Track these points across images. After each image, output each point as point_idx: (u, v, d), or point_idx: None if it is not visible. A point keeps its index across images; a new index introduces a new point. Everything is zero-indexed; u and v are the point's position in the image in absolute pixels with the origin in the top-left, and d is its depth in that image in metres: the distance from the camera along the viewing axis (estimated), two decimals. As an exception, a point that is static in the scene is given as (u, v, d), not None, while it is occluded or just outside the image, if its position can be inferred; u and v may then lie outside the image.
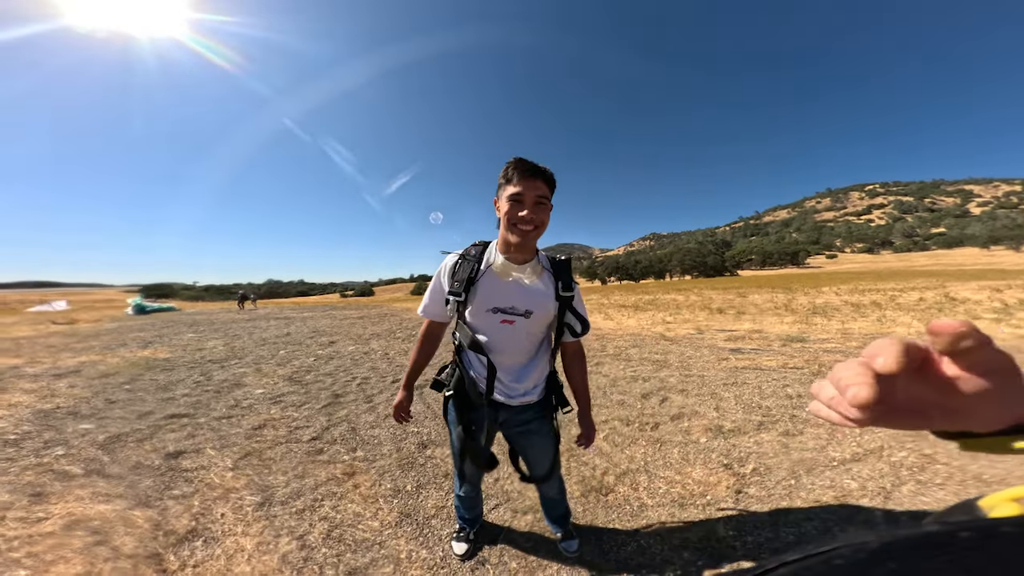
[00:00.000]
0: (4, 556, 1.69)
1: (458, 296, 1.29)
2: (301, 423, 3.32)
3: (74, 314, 13.39)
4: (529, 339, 1.35)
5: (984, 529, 0.36)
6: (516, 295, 1.29)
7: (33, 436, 2.92)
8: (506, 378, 1.37)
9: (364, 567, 1.67)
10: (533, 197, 1.18)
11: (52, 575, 1.59)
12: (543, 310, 1.31)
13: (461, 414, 1.44)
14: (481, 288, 1.29)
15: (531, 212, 1.18)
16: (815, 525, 1.88)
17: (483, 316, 1.31)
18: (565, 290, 1.32)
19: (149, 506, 2.07)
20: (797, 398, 3.61)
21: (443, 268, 1.38)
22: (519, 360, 1.37)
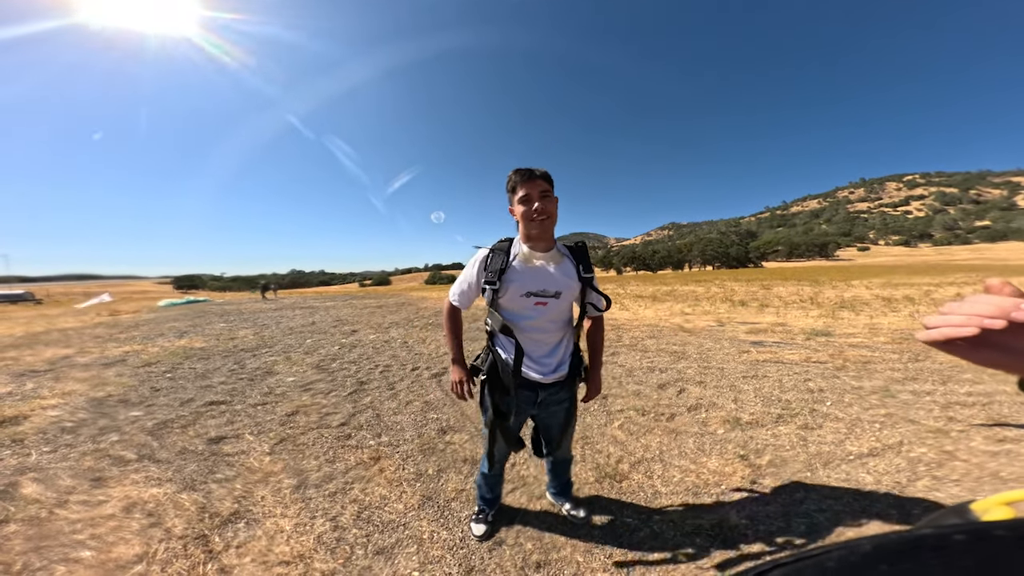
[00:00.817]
0: (70, 538, 1.86)
1: (493, 285, 1.47)
2: (330, 409, 3.49)
3: (115, 306, 14.15)
4: (560, 317, 1.55)
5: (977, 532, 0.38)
6: (545, 279, 1.48)
7: (89, 423, 3.15)
8: (540, 356, 1.55)
9: (391, 547, 1.79)
10: (537, 193, 1.41)
11: (114, 555, 1.75)
12: (570, 291, 1.51)
13: (493, 396, 1.60)
14: (513, 276, 1.47)
15: (541, 204, 1.40)
16: (827, 517, 1.90)
17: (518, 300, 1.48)
18: (586, 271, 1.53)
19: (195, 489, 2.24)
20: (818, 392, 3.55)
21: (476, 261, 1.56)
22: (553, 338, 1.56)
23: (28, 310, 16.63)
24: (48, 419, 3.21)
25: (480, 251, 1.57)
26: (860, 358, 4.55)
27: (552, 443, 1.72)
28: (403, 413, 3.41)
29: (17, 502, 2.10)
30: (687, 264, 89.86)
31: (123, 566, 1.67)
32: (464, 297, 1.60)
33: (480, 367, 1.60)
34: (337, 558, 1.72)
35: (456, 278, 1.63)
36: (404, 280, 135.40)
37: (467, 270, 1.59)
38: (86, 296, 25.67)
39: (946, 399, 3.24)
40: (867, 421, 2.92)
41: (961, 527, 0.39)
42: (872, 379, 3.82)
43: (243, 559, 1.72)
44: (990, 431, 2.66)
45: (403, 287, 44.13)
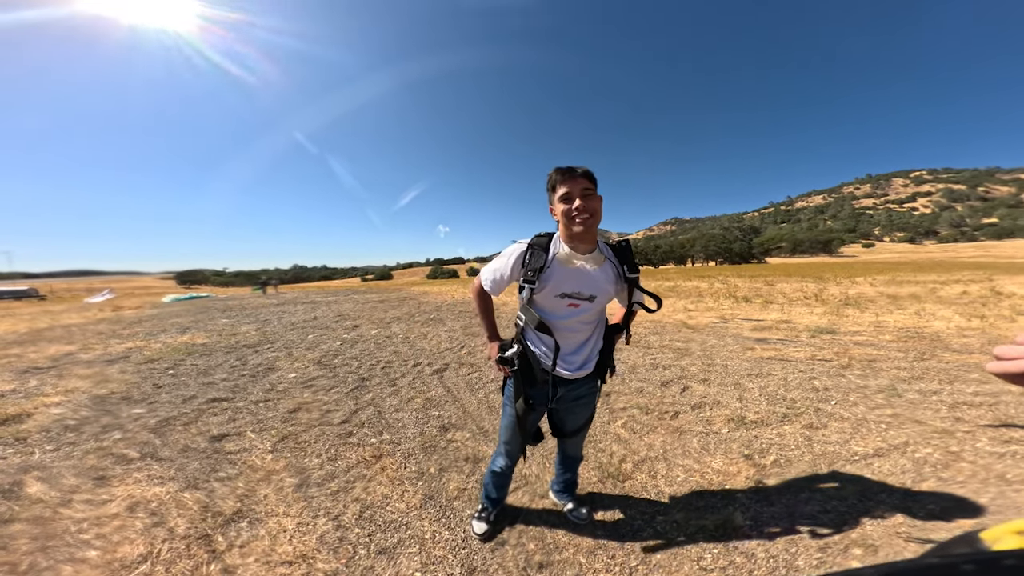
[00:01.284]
0: (76, 537, 1.86)
1: (532, 284, 1.45)
2: (331, 407, 3.49)
3: (117, 301, 14.22)
4: (592, 319, 1.54)
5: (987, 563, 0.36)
6: (582, 281, 1.45)
7: (92, 421, 3.16)
8: (567, 353, 1.55)
9: (393, 547, 1.79)
10: (579, 191, 1.38)
11: (119, 555, 1.74)
12: (605, 295, 1.50)
13: (520, 389, 1.59)
14: (551, 276, 1.45)
15: (584, 203, 1.37)
16: (831, 518, 1.89)
17: (552, 300, 1.47)
18: (632, 271, 1.50)
19: (198, 488, 2.24)
20: (824, 391, 3.52)
21: (512, 254, 1.52)
22: (581, 336, 1.55)
23: (32, 306, 16.72)
24: (51, 417, 3.22)
25: (517, 245, 1.52)
26: (865, 356, 4.52)
27: (571, 433, 1.73)
28: (404, 410, 3.41)
29: (22, 501, 2.10)
30: (690, 259, 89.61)
31: (128, 566, 1.67)
32: (496, 286, 1.59)
33: (512, 360, 1.57)
34: (340, 558, 1.72)
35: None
36: (405, 275, 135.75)
37: (502, 260, 1.55)
38: (89, 292, 25.86)
39: (953, 399, 3.21)
40: (873, 421, 2.90)
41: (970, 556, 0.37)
42: (878, 378, 3.79)
43: (246, 559, 1.72)
44: (996, 432, 2.63)
45: (404, 282, 44.19)
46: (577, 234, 1.41)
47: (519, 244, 1.52)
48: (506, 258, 1.54)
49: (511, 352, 1.58)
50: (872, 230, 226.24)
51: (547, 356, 1.53)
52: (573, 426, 1.72)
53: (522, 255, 1.48)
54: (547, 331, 1.48)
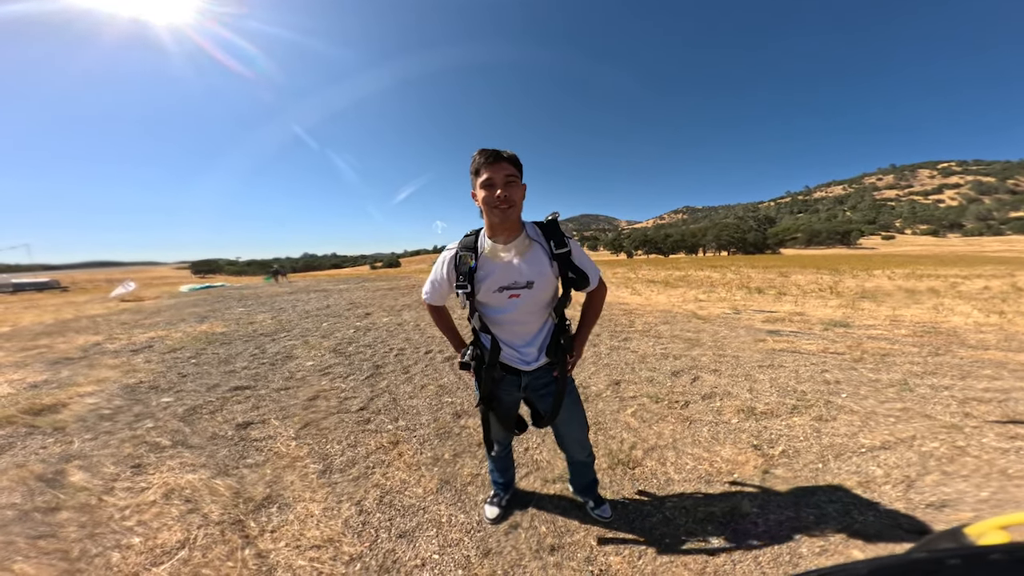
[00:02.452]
0: (120, 524, 1.95)
1: (464, 288, 1.46)
2: (349, 394, 3.61)
3: (137, 292, 14.59)
4: (537, 306, 1.51)
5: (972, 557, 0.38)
6: (514, 272, 1.43)
7: (124, 410, 3.31)
8: (520, 346, 1.55)
9: (412, 530, 1.89)
10: (502, 178, 1.32)
11: (160, 541, 1.84)
12: (542, 277, 1.45)
13: (481, 386, 1.62)
14: (482, 274, 1.45)
15: (503, 191, 1.32)
16: (836, 508, 1.93)
17: (492, 296, 1.47)
18: (558, 247, 1.44)
19: (228, 475, 2.36)
20: (835, 384, 3.52)
21: (444, 261, 1.53)
22: (532, 327, 1.54)
23: (55, 297, 17.20)
24: (86, 406, 3.37)
25: (446, 253, 1.52)
26: (879, 350, 4.48)
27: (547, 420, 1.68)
28: (418, 397, 3.51)
29: (67, 489, 2.22)
30: (701, 249, 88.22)
31: (168, 552, 1.77)
32: (435, 295, 1.62)
33: (469, 363, 1.60)
34: (364, 541, 1.82)
35: None
36: (414, 262, 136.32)
37: (436, 268, 1.56)
38: (109, 283, 26.50)
39: (964, 394, 3.20)
40: (882, 415, 2.91)
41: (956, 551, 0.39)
42: (890, 372, 3.78)
43: (278, 543, 1.82)
44: (1004, 428, 2.64)
45: (413, 268, 44.39)
46: (496, 223, 1.38)
47: (448, 250, 1.52)
48: (439, 265, 1.54)
49: (468, 355, 1.60)
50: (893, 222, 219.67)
51: (506, 350, 1.56)
52: (553, 413, 1.65)
53: (451, 260, 1.49)
54: (487, 330, 1.52)
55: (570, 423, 1.74)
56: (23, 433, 2.87)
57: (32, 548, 1.78)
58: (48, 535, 1.87)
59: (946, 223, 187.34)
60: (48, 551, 1.77)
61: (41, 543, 1.81)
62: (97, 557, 1.74)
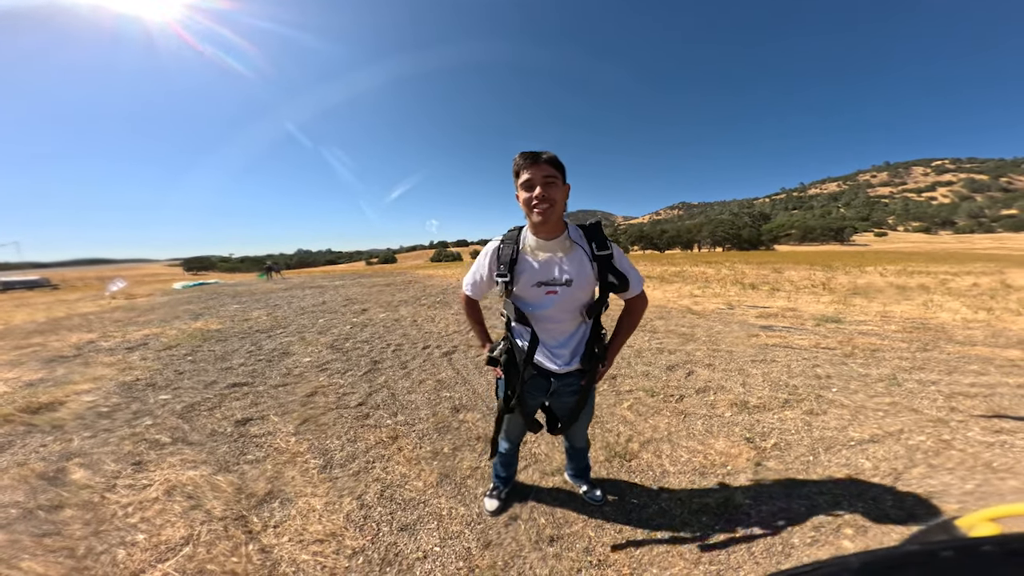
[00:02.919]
0: (124, 521, 1.96)
1: (504, 277, 1.48)
2: (347, 389, 3.62)
3: (129, 289, 14.42)
4: (573, 305, 1.51)
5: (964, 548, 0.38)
6: (554, 268, 1.46)
7: (122, 408, 3.30)
8: (554, 346, 1.55)
9: (413, 523, 1.92)
10: (541, 179, 1.34)
11: (164, 538, 1.84)
12: (581, 277, 1.46)
13: (509, 382, 1.61)
14: (522, 267, 1.47)
15: (543, 191, 1.34)
16: (826, 500, 1.99)
17: (530, 290, 1.49)
18: (600, 249, 1.46)
19: (229, 471, 2.37)
20: (826, 378, 3.60)
21: (487, 252, 1.56)
22: (567, 327, 1.54)
23: (46, 296, 16.95)
24: (84, 404, 3.35)
25: (491, 243, 1.56)
26: (869, 346, 4.57)
27: (564, 427, 1.72)
28: (417, 392, 3.54)
29: (69, 487, 2.22)
30: (696, 245, 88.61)
31: (173, 548, 1.78)
32: (476, 288, 1.63)
33: (498, 358, 1.60)
34: (365, 535, 1.85)
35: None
36: (410, 258, 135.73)
37: (479, 261, 1.59)
38: (100, 281, 26.18)
39: (950, 389, 3.28)
40: (871, 409, 2.98)
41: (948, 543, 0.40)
42: (880, 367, 3.85)
43: (281, 538, 1.84)
44: (989, 422, 2.71)
45: (409, 265, 44.23)
46: (537, 223, 1.40)
47: (493, 242, 1.56)
48: (482, 257, 1.57)
49: (498, 350, 1.61)
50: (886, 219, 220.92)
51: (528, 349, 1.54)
52: (568, 420, 1.69)
53: (495, 251, 1.52)
54: (526, 322, 1.51)
55: (582, 421, 1.79)
56: (22, 432, 2.86)
57: (38, 546, 1.79)
58: (53, 533, 1.87)
59: (938, 220, 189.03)
60: (54, 549, 1.77)
61: (47, 541, 1.82)
62: (103, 554, 1.75)
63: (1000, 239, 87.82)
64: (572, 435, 1.90)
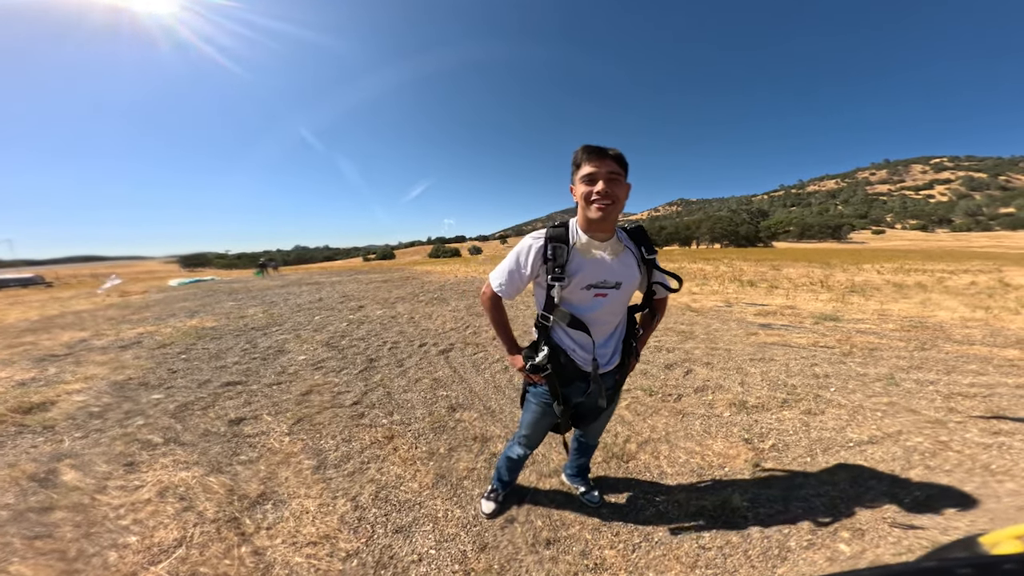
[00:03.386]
0: (115, 523, 1.93)
1: (561, 280, 1.38)
2: (342, 388, 3.59)
3: (124, 286, 14.31)
4: (620, 307, 1.51)
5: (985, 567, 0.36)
6: (605, 270, 1.41)
7: (114, 408, 3.25)
8: (599, 346, 1.51)
9: (408, 525, 1.90)
10: (605, 174, 1.29)
11: (156, 540, 1.82)
12: (630, 280, 1.46)
13: (554, 390, 1.54)
14: (575, 268, 1.40)
15: (607, 187, 1.28)
16: (823, 502, 1.98)
17: (579, 293, 1.43)
18: (649, 253, 1.47)
19: (222, 472, 2.33)
20: (824, 378, 3.59)
21: (529, 251, 1.43)
22: (609, 328, 1.52)
23: (40, 293, 16.80)
24: (75, 404, 3.31)
25: (533, 240, 1.43)
26: (867, 344, 4.57)
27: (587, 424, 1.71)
28: (413, 391, 3.51)
29: (59, 489, 2.18)
30: (695, 241, 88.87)
31: (166, 550, 1.75)
32: (511, 288, 1.49)
33: (543, 365, 1.49)
34: (360, 537, 1.83)
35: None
36: (408, 254, 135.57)
37: (516, 258, 1.45)
38: (95, 278, 26.01)
39: (949, 389, 3.28)
40: (869, 409, 2.97)
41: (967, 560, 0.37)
42: (878, 366, 3.86)
43: (274, 540, 1.81)
44: (987, 423, 2.71)
45: (407, 261, 44.12)
46: (594, 220, 1.33)
47: (534, 239, 1.43)
48: (523, 255, 1.43)
49: (541, 356, 1.50)
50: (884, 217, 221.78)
51: (580, 352, 1.49)
52: (591, 418, 1.66)
53: (541, 250, 1.40)
54: (582, 327, 1.43)
55: (602, 418, 1.77)
56: (13, 432, 2.82)
57: (29, 549, 1.76)
58: (44, 535, 1.84)
59: (936, 218, 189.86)
60: (45, 551, 1.75)
61: (38, 543, 1.79)
62: (94, 557, 1.72)
63: (997, 237, 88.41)
64: (591, 432, 1.88)
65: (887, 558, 1.64)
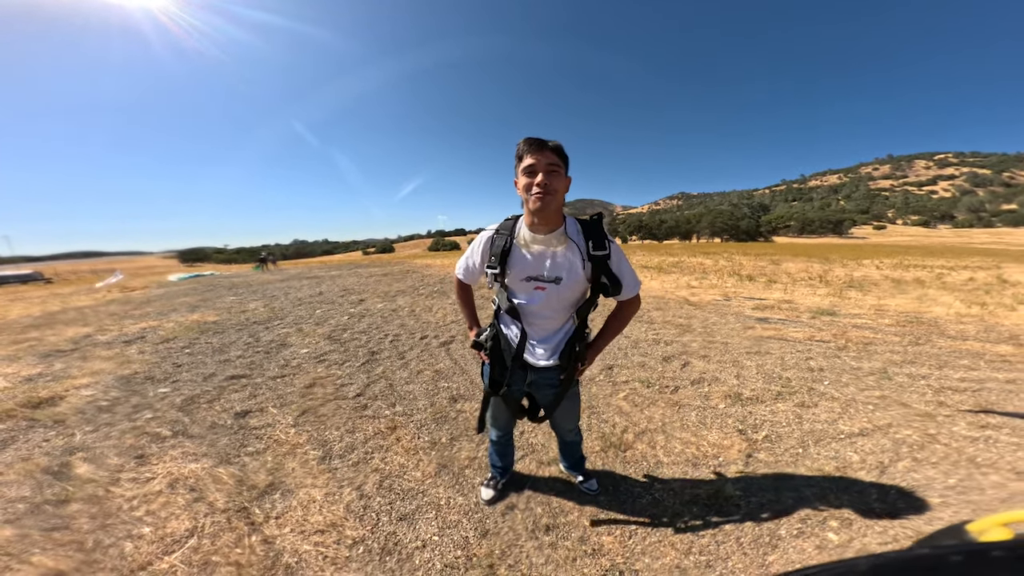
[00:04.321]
0: (129, 514, 1.98)
1: (494, 269, 1.47)
2: (345, 380, 3.65)
3: (125, 282, 14.31)
4: (561, 304, 1.48)
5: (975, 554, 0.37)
6: (544, 264, 1.43)
7: (122, 402, 3.30)
8: (536, 340, 1.55)
9: (411, 513, 1.96)
10: (544, 166, 1.30)
11: (169, 530, 1.87)
12: (571, 276, 1.42)
13: (493, 370, 1.64)
14: (513, 260, 1.46)
15: (544, 179, 1.29)
16: (814, 492, 2.04)
17: (519, 284, 1.48)
18: (597, 248, 1.39)
19: (230, 463, 2.39)
20: (818, 371, 3.64)
21: (479, 242, 1.57)
22: (551, 326, 1.53)
23: (39, 289, 16.78)
24: (83, 399, 3.36)
25: (484, 233, 1.55)
26: (862, 339, 4.62)
27: (544, 417, 1.77)
28: (415, 382, 3.57)
29: (74, 482, 2.23)
30: (695, 235, 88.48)
31: (178, 540, 1.80)
32: (468, 274, 1.66)
33: (484, 344, 1.61)
34: (365, 525, 1.89)
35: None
36: (407, 247, 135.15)
37: (472, 247, 1.60)
38: (94, 274, 25.97)
39: (940, 384, 3.33)
40: (861, 402, 3.02)
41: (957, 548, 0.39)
42: (871, 360, 3.90)
43: (283, 529, 1.87)
44: (975, 417, 2.75)
45: (406, 254, 44.02)
46: (535, 211, 1.35)
47: (487, 230, 1.54)
48: (475, 246, 1.58)
49: (484, 335, 1.62)
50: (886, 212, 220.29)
51: (516, 340, 1.55)
52: (548, 412, 1.72)
53: (488, 241, 1.51)
54: (516, 315, 1.51)
55: (564, 415, 1.81)
56: (24, 427, 2.87)
57: (47, 540, 1.81)
58: (61, 527, 1.89)
59: (938, 214, 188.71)
60: (63, 543, 1.79)
61: (55, 535, 1.84)
62: (111, 547, 1.77)
63: (998, 234, 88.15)
64: (557, 428, 1.92)
65: (874, 547, 1.69)
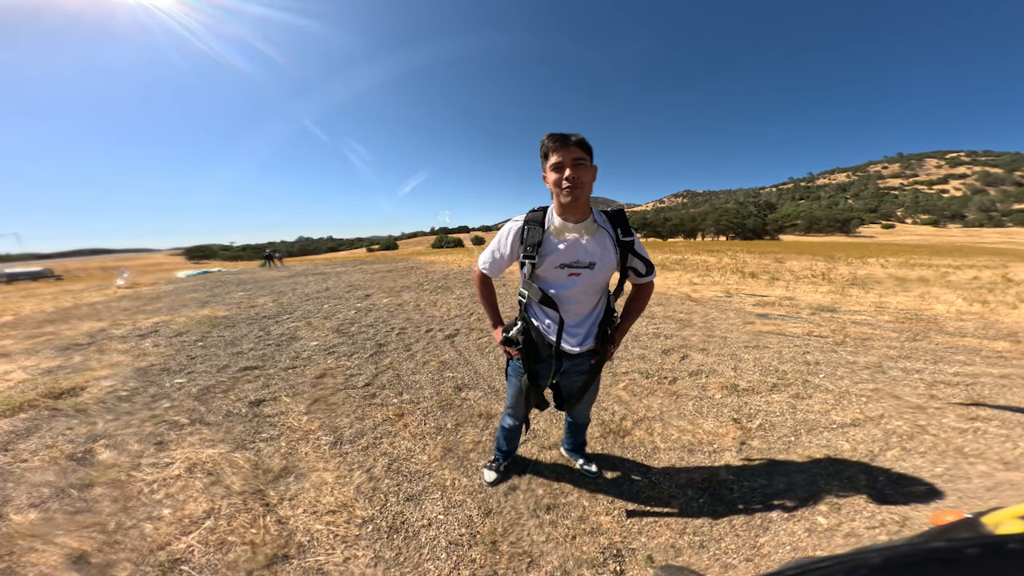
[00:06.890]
0: (149, 497, 2.07)
1: (532, 259, 1.49)
2: (354, 371, 3.76)
3: (134, 279, 14.52)
4: (593, 287, 1.54)
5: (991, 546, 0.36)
6: (578, 250, 1.48)
7: (141, 392, 3.43)
8: (571, 326, 1.58)
9: (418, 494, 2.06)
10: (571, 160, 1.36)
11: (187, 512, 1.95)
12: (605, 262, 1.50)
13: (527, 365, 1.65)
14: (548, 249, 1.49)
15: (573, 173, 1.36)
16: (804, 478, 2.11)
17: (553, 272, 1.51)
18: (625, 235, 1.51)
19: (246, 448, 2.50)
20: (814, 365, 3.69)
21: (508, 233, 1.56)
22: (585, 308, 1.57)
23: (51, 286, 17.05)
24: (104, 389, 3.48)
25: (512, 224, 1.56)
26: (860, 335, 4.65)
27: (571, 404, 1.79)
28: (421, 372, 3.68)
29: (97, 467, 2.34)
30: (700, 233, 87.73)
31: (196, 521, 1.90)
32: (495, 266, 1.62)
33: (515, 339, 1.63)
34: (374, 505, 1.99)
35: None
36: (411, 244, 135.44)
37: (500, 240, 1.58)
38: (103, 271, 26.35)
39: (933, 378, 3.37)
40: (855, 394, 3.08)
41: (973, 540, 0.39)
42: (867, 355, 3.94)
43: (296, 510, 1.97)
44: (966, 410, 2.80)
45: (410, 251, 44.17)
46: (566, 204, 1.41)
47: (515, 222, 1.55)
48: (504, 237, 1.56)
49: (515, 331, 1.63)
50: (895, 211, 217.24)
51: (551, 330, 1.57)
52: (576, 398, 1.76)
53: (519, 232, 1.52)
54: (551, 304, 1.52)
55: (586, 400, 1.88)
56: (47, 416, 2.99)
57: (71, 523, 1.90)
58: (85, 510, 1.98)
59: (948, 213, 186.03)
60: (87, 525, 1.88)
61: (79, 518, 1.93)
62: (132, 529, 1.86)
63: (1009, 233, 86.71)
64: (577, 412, 1.98)
65: (861, 531, 1.75)
